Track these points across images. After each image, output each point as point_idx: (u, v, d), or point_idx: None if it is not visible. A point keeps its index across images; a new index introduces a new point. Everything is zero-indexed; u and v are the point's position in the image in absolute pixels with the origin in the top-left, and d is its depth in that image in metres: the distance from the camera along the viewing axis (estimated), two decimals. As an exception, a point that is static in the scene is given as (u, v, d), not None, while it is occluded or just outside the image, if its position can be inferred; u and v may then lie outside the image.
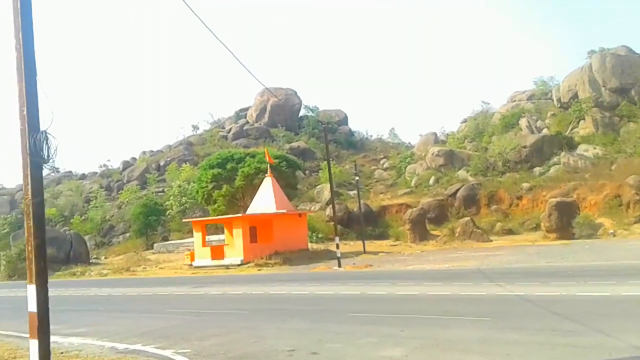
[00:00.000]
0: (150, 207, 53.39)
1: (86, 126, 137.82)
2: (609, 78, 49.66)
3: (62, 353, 10.81)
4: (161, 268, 37.45)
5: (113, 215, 60.37)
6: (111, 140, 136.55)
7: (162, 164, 68.85)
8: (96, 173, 75.63)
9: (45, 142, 6.90)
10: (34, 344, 6.82)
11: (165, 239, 52.56)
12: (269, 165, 39.27)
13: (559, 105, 55.28)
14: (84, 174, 76.88)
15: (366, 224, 47.28)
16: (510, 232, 41.80)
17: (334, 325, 11.39)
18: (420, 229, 43.25)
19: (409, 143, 77.34)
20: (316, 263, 31.68)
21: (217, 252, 35.29)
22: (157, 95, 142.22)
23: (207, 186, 42.61)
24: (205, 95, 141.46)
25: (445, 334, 9.73)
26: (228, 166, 42.73)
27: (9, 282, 39.24)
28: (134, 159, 75.11)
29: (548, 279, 16.09)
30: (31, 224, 6.90)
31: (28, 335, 13.22)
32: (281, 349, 9.45)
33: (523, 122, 55.32)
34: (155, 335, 11.91)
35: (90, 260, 47.37)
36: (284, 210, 37.46)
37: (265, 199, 37.79)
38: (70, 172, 78.65)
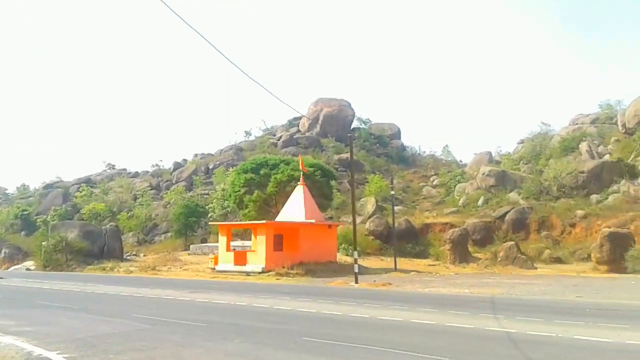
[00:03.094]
0: (191, 208, 53.28)
1: (145, 125, 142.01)
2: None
3: (-26, 354, 9.83)
4: (185, 269, 36.82)
5: (158, 214, 60.89)
6: (167, 141, 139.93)
7: (210, 167, 69.14)
8: (148, 172, 76.98)
9: None
10: None
11: (204, 241, 52.20)
12: (302, 174, 37.97)
13: (623, 131, 51.28)
14: (137, 172, 78.38)
15: (407, 241, 45.26)
16: (559, 260, 38.71)
17: (270, 350, 9.77)
18: (461, 250, 40.86)
19: (461, 161, 74.70)
20: (339, 277, 30.13)
21: (240, 257, 34.20)
22: (215, 99, 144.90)
23: (239, 190, 41.78)
24: (261, 102, 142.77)
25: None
26: (262, 172, 41.76)
27: (42, 272, 39.81)
28: (185, 160, 75.89)
29: (558, 316, 13.76)
30: None
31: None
32: (183, 375, 8.00)
33: (583, 147, 51.54)
34: (84, 342, 10.71)
35: (126, 257, 47.63)
36: (313, 220, 35.99)
37: (295, 208, 36.51)
38: (125, 169, 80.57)
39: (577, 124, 59.23)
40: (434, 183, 64.40)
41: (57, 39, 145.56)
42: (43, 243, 44.41)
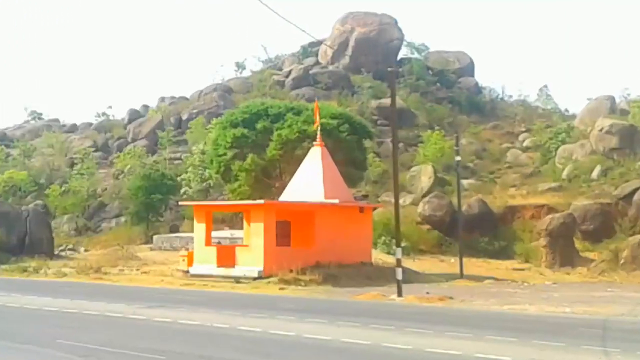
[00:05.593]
0: (154, 180, 53.85)
1: (86, 58, 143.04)
2: None
3: None
4: (144, 272, 37.51)
5: (106, 189, 61.75)
6: (120, 78, 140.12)
7: (184, 117, 69.67)
8: (91, 125, 77.91)
9: None
10: None
11: (175, 229, 52.87)
12: (319, 129, 37.84)
13: None
14: (74, 125, 79.57)
15: (481, 233, 45.45)
16: None
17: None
18: (565, 247, 41.34)
19: (567, 111, 74.30)
20: (374, 286, 30.50)
21: (226, 255, 34.46)
22: (193, 16, 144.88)
23: (225, 154, 41.84)
24: (260, 20, 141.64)
25: None
26: (259, 125, 41.61)
27: None
28: (146, 107, 76.79)
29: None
30: None
31: None
32: None
33: None
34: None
35: (59, 252, 48.46)
36: (336, 200, 36.01)
37: (310, 181, 36.51)
38: (57, 120, 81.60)
39: None
40: (524, 144, 64.36)
41: None
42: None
